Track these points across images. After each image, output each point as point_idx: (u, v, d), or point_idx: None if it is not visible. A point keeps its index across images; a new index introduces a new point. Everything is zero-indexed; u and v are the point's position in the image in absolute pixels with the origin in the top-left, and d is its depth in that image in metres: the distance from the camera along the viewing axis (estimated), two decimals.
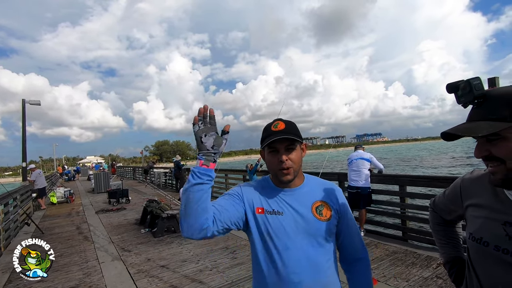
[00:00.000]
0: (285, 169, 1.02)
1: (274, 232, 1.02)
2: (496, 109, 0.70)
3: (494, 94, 0.71)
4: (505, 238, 0.74)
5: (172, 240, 5.03)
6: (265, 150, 1.08)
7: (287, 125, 1.04)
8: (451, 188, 1.00)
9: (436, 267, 3.35)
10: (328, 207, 1.07)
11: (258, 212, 1.05)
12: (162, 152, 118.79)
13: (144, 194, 11.44)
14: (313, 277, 0.99)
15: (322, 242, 1.03)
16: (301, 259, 0.99)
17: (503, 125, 0.67)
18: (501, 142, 0.70)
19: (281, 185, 1.09)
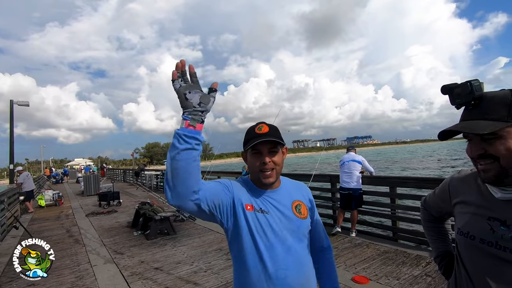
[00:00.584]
0: (268, 171, 1.06)
1: (263, 229, 1.04)
2: (494, 109, 0.75)
3: (490, 96, 0.78)
4: (489, 231, 0.81)
5: (166, 242, 5.01)
6: (248, 152, 1.10)
7: (271, 128, 1.08)
8: (441, 187, 1.07)
9: (425, 266, 3.45)
10: (305, 206, 1.16)
11: (247, 208, 1.06)
12: (152, 154, 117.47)
13: (135, 197, 11.31)
14: (297, 272, 1.05)
15: (302, 238, 1.11)
16: (287, 255, 1.05)
17: (502, 124, 0.73)
18: (497, 141, 0.75)
19: (262, 187, 1.12)
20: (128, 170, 22.20)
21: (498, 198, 0.80)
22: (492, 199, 0.83)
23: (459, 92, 0.80)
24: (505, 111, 0.74)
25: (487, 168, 0.78)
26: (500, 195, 0.80)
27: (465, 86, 0.79)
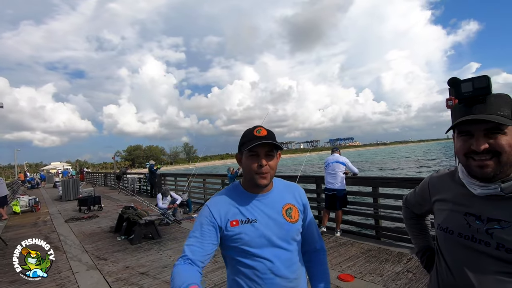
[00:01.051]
0: (263, 174, 1.07)
1: (251, 239, 1.07)
2: (503, 107, 0.80)
3: (497, 94, 0.83)
4: (466, 226, 0.88)
5: (151, 246, 4.93)
6: (244, 154, 1.11)
7: (269, 132, 1.11)
8: (421, 186, 1.14)
9: (406, 262, 3.59)
10: (296, 209, 1.16)
11: (233, 225, 1.08)
12: (134, 158, 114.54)
13: (117, 201, 11.01)
14: (286, 275, 1.08)
15: (292, 241, 1.12)
16: (275, 260, 1.08)
17: (509, 121, 0.79)
18: (501, 136, 0.79)
19: (254, 190, 1.14)
20: (109, 173, 21.56)
21: (477, 195, 0.86)
22: (468, 196, 0.90)
23: (472, 85, 0.82)
24: (509, 110, 0.80)
25: (486, 164, 0.80)
26: (480, 191, 0.85)
27: (482, 80, 0.81)
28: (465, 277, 0.86)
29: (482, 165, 0.81)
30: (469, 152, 0.83)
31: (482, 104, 0.82)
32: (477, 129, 0.81)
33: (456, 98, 0.86)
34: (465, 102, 0.85)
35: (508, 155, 0.79)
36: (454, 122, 0.87)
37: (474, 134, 0.82)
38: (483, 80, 0.81)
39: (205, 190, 9.76)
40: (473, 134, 0.82)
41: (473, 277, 0.84)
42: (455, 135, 0.89)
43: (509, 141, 0.79)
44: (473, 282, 0.84)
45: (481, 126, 0.81)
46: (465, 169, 0.89)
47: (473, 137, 0.82)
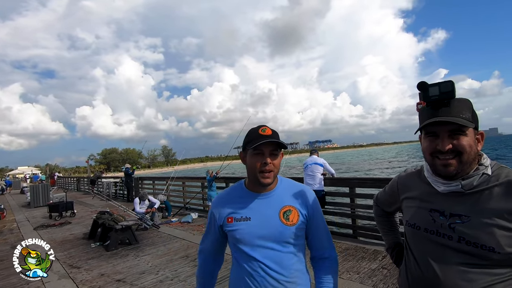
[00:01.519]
0: (267, 172, 1.09)
1: (242, 237, 1.11)
2: (464, 110, 0.87)
3: (460, 98, 0.89)
4: (431, 221, 0.95)
5: (128, 252, 4.78)
6: (248, 153, 1.13)
7: (274, 132, 1.13)
8: (390, 185, 1.21)
9: (381, 259, 3.74)
10: (296, 212, 1.13)
11: (228, 222, 1.15)
12: (110, 161, 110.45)
13: (92, 206, 10.57)
14: (277, 277, 1.09)
15: (287, 245, 1.11)
16: (266, 260, 1.09)
17: (470, 124, 0.86)
18: (463, 137, 0.86)
19: (255, 189, 1.16)
20: (82, 178, 20.64)
21: (441, 192, 0.93)
22: (432, 193, 0.97)
23: (438, 89, 0.89)
24: (469, 114, 0.87)
25: (449, 163, 0.87)
26: (443, 188, 0.92)
27: (448, 84, 0.88)
28: (431, 269, 0.92)
29: (446, 164, 0.88)
30: (435, 151, 0.90)
31: (447, 107, 0.88)
32: (442, 130, 0.88)
33: (424, 101, 0.93)
34: (432, 105, 0.91)
35: (468, 155, 0.86)
36: (421, 123, 0.93)
37: (439, 135, 0.89)
38: (448, 85, 0.88)
39: (184, 194, 9.60)
40: (439, 135, 0.89)
41: (438, 269, 0.91)
42: (422, 135, 0.96)
43: (470, 142, 0.86)
44: (438, 273, 0.90)
45: (446, 128, 0.87)
46: (431, 168, 0.95)
47: (438, 138, 0.89)
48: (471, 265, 0.85)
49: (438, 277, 0.90)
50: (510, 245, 0.80)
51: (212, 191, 7.43)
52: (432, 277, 0.92)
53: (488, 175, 0.88)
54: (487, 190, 0.86)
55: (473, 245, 0.85)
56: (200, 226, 6.36)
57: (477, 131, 0.91)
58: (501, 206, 0.83)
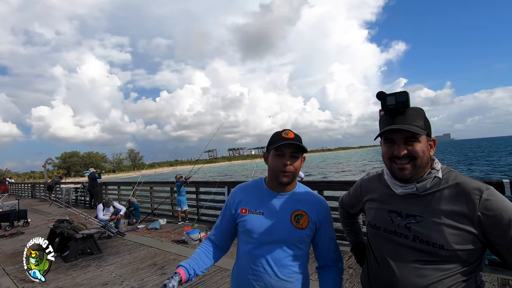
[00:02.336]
0: (287, 172, 1.15)
1: (252, 228, 1.18)
2: (418, 119, 0.95)
3: (414, 107, 0.97)
4: (390, 222, 1.02)
5: (89, 263, 4.49)
6: (271, 153, 1.19)
7: (296, 135, 1.19)
8: (354, 188, 1.28)
9: (348, 259, 3.89)
10: (307, 217, 1.18)
11: (242, 212, 1.22)
12: (70, 165, 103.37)
13: (49, 215, 9.79)
14: (276, 274, 1.13)
15: (292, 246, 1.16)
16: (268, 256, 1.15)
17: (423, 131, 0.93)
18: (417, 144, 0.94)
19: (274, 188, 1.22)
20: (38, 184, 19.04)
21: (399, 194, 1.00)
22: (391, 195, 1.04)
23: (395, 99, 0.96)
24: (422, 122, 0.95)
25: (405, 167, 0.94)
26: (401, 190, 1.00)
27: (403, 95, 0.96)
28: (388, 267, 0.99)
29: (402, 168, 0.95)
30: (392, 157, 0.97)
31: (403, 115, 0.96)
32: (398, 137, 0.96)
33: (383, 109, 1.00)
34: (389, 113, 0.98)
35: (421, 160, 0.94)
36: (380, 130, 1.00)
37: (396, 142, 0.96)
38: (403, 95, 0.96)
39: (152, 199, 9.26)
40: (395, 141, 0.96)
41: (395, 266, 0.97)
42: (382, 142, 1.03)
43: (423, 148, 0.94)
44: (395, 270, 0.97)
45: (401, 135, 0.95)
46: (389, 172, 1.03)
47: (395, 144, 0.97)
48: (424, 262, 0.93)
49: (395, 274, 0.97)
50: (457, 242, 0.88)
51: (181, 196, 7.23)
52: (390, 274, 0.98)
53: (439, 178, 0.96)
54: (438, 192, 0.95)
55: (426, 243, 0.92)
56: (169, 232, 6.17)
57: (429, 137, 0.99)
58: (449, 207, 0.91)
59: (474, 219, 0.87)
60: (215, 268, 3.87)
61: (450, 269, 0.90)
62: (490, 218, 0.86)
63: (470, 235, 0.88)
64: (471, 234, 0.88)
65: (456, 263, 0.90)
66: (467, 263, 0.90)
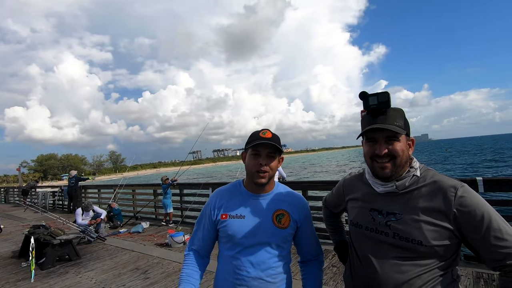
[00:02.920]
0: (262, 173, 1.14)
1: (233, 233, 1.16)
2: (398, 119, 0.97)
3: (394, 108, 1.00)
4: (371, 220, 1.04)
5: (67, 270, 4.31)
6: (248, 153, 1.18)
7: (274, 135, 1.18)
8: (336, 187, 1.31)
9: (331, 258, 3.95)
10: (289, 217, 1.20)
11: (222, 218, 1.19)
12: (47, 168, 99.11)
13: (23, 220, 9.34)
14: (260, 276, 1.13)
15: (275, 247, 1.17)
16: (252, 259, 1.14)
17: (403, 131, 0.96)
18: (397, 143, 0.97)
19: (252, 190, 1.21)
20: (12, 188, 18.12)
21: (380, 192, 1.03)
22: (373, 194, 1.07)
23: (377, 99, 0.98)
24: (402, 122, 0.98)
25: (385, 166, 0.97)
26: (382, 189, 1.02)
27: (385, 95, 0.98)
28: (370, 264, 1.01)
29: (382, 167, 0.98)
30: (374, 155, 1.00)
31: (384, 115, 0.98)
32: (380, 136, 0.98)
33: (365, 109, 1.03)
34: (371, 113, 1.01)
35: (401, 159, 0.98)
36: (362, 130, 1.03)
37: (377, 141, 0.99)
38: (385, 96, 0.99)
39: (134, 202, 9.03)
40: (377, 140, 0.99)
41: (376, 263, 1.00)
42: (364, 140, 1.05)
43: (402, 147, 0.98)
44: (376, 267, 0.99)
45: (383, 134, 0.98)
46: (370, 170, 1.06)
47: (377, 143, 0.99)
48: (403, 258, 0.95)
49: (376, 270, 0.99)
50: (434, 238, 0.92)
51: (166, 198, 7.09)
52: (371, 271, 1.00)
53: (418, 176, 1.00)
54: (416, 190, 0.98)
55: (405, 239, 0.95)
56: (152, 236, 6.04)
57: (408, 137, 1.02)
58: (427, 204, 0.95)
59: (450, 215, 0.91)
60: None
61: (428, 264, 0.93)
62: (464, 214, 0.90)
63: (446, 231, 0.91)
64: (447, 230, 0.91)
65: (433, 258, 0.93)
66: (444, 258, 0.94)
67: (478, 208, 0.89)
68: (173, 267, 4.08)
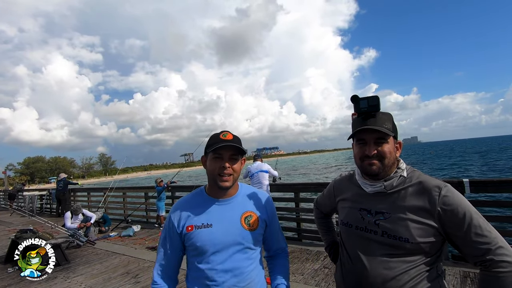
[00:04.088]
0: (225, 176, 1.11)
1: (202, 244, 1.11)
2: (386, 122, 1.03)
3: (383, 112, 1.05)
4: (361, 219, 1.08)
5: (56, 274, 4.22)
6: (209, 156, 1.15)
7: (235, 137, 1.16)
8: (327, 189, 1.35)
9: (323, 259, 3.99)
10: (257, 217, 1.19)
11: (188, 230, 1.13)
12: (34, 171, 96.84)
13: (9, 225, 9.10)
14: (235, 283, 1.11)
15: (247, 250, 1.15)
16: (225, 267, 1.11)
17: (391, 133, 1.01)
18: (385, 145, 1.02)
19: (216, 195, 1.18)
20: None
21: (368, 192, 1.08)
22: (362, 194, 1.11)
23: (367, 102, 1.03)
24: (391, 125, 1.03)
25: (373, 163, 1.02)
26: (370, 189, 1.07)
27: (375, 99, 1.04)
28: (360, 262, 1.05)
29: (371, 163, 1.03)
30: (363, 156, 1.05)
31: (374, 118, 1.04)
32: (369, 138, 1.04)
33: (356, 112, 1.08)
34: (362, 116, 1.06)
35: (389, 159, 1.03)
36: (353, 131, 1.07)
37: (367, 142, 1.04)
38: (375, 99, 1.05)
39: (125, 205, 8.91)
40: (367, 142, 1.04)
41: (366, 260, 1.03)
42: (354, 143, 1.10)
43: (390, 149, 1.03)
44: (365, 264, 1.03)
45: (372, 135, 1.03)
46: (360, 170, 1.10)
47: (366, 145, 1.04)
48: (391, 255, 1.00)
49: (366, 268, 1.03)
50: (420, 235, 0.96)
51: (160, 201, 7.00)
52: (361, 268, 1.04)
53: (404, 177, 1.05)
54: (403, 190, 1.02)
55: (393, 237, 0.99)
56: (143, 239, 5.97)
57: (396, 140, 1.07)
58: (413, 203, 0.99)
59: (435, 213, 0.96)
60: None
61: (415, 260, 0.98)
62: (447, 212, 0.94)
63: (431, 229, 0.96)
64: (432, 227, 0.96)
65: (419, 255, 0.98)
66: (429, 255, 0.98)
67: (461, 207, 0.94)
68: None
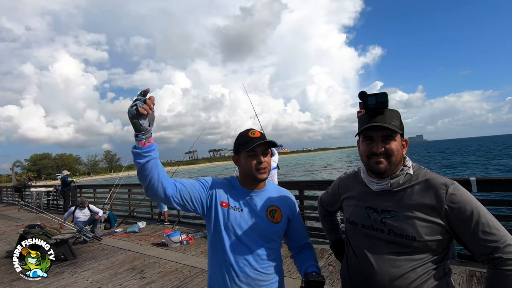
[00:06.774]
0: (263, 169, 1.22)
1: (232, 225, 1.21)
2: (395, 119, 1.03)
3: (391, 109, 1.04)
4: (367, 218, 1.08)
5: (63, 269, 4.30)
6: (242, 155, 1.24)
7: (262, 133, 1.25)
8: (332, 186, 1.34)
9: (328, 257, 3.99)
10: (280, 212, 1.29)
11: (222, 205, 1.24)
12: (40, 168, 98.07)
13: (18, 220, 9.25)
14: (256, 268, 1.20)
15: (269, 241, 1.25)
16: (247, 252, 1.20)
17: (399, 131, 1.01)
18: (392, 142, 1.02)
19: (248, 186, 1.29)
20: (5, 187, 17.90)
21: (375, 190, 1.07)
22: (368, 192, 1.10)
23: (375, 99, 1.03)
24: (398, 123, 1.03)
25: (380, 161, 1.02)
26: (376, 187, 1.06)
27: (383, 95, 1.03)
28: (366, 260, 1.05)
29: (378, 161, 1.03)
30: (370, 154, 1.04)
31: (382, 115, 1.03)
32: (377, 135, 1.03)
33: (364, 108, 1.07)
34: (370, 113, 1.05)
35: (396, 157, 1.02)
36: (360, 128, 1.07)
37: (374, 140, 1.03)
38: (383, 96, 1.04)
39: (130, 202, 8.99)
40: (374, 139, 1.03)
41: (372, 258, 1.03)
42: (360, 140, 1.09)
43: (397, 147, 1.02)
44: (372, 263, 1.03)
45: (380, 133, 1.02)
46: (366, 167, 1.10)
47: (374, 142, 1.03)
48: (398, 253, 0.99)
49: (372, 266, 1.02)
50: (427, 233, 0.96)
51: None
52: (368, 266, 1.04)
53: (411, 174, 1.04)
54: (410, 188, 1.02)
55: (400, 236, 0.99)
56: (148, 235, 6.03)
57: (403, 138, 1.06)
58: (420, 201, 0.99)
59: (442, 211, 0.95)
60: (196, 270, 3.85)
61: (422, 258, 0.97)
62: (455, 210, 0.94)
63: (438, 227, 0.96)
64: (439, 225, 0.96)
65: (426, 253, 0.97)
66: (436, 253, 0.98)
67: (468, 204, 0.93)
68: (170, 266, 4.09)
